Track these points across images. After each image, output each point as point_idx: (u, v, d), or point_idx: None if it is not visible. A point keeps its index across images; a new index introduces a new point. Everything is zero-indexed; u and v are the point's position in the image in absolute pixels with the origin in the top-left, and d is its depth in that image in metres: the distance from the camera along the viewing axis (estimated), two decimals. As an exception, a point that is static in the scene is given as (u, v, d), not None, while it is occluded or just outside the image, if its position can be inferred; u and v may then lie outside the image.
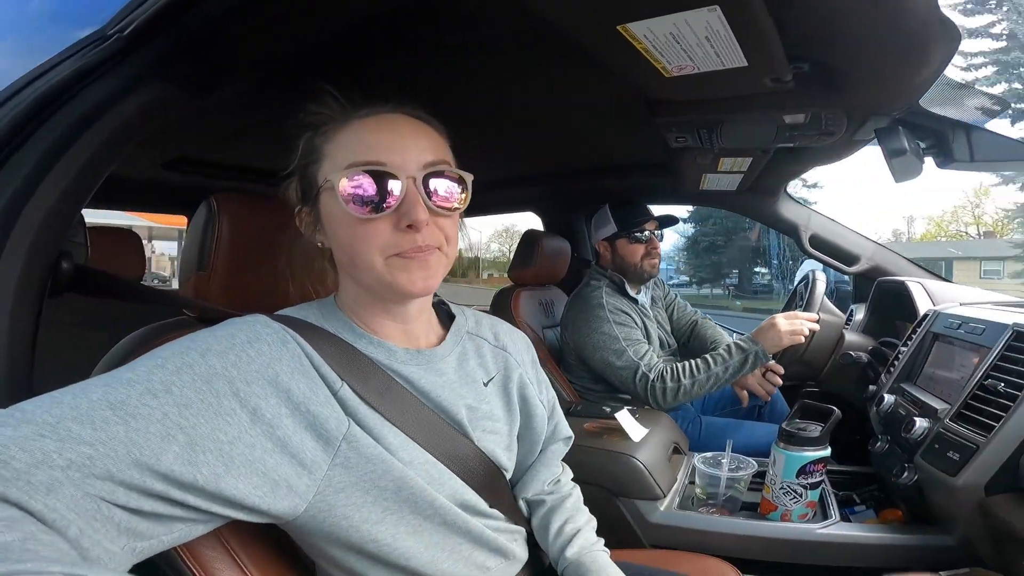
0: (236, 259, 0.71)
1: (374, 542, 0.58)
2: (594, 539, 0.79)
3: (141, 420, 0.45)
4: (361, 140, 0.59)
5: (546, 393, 0.83)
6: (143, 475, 0.44)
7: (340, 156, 0.59)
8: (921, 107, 1.10)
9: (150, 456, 0.44)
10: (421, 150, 0.60)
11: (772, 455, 1.19)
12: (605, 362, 1.59)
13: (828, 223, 1.89)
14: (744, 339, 1.52)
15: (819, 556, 1.12)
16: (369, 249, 0.58)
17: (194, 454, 0.47)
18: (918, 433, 1.05)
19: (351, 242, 0.59)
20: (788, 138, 1.31)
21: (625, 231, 1.72)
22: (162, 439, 0.45)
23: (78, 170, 0.63)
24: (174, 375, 0.49)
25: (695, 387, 1.49)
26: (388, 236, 0.58)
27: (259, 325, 0.57)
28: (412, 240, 0.58)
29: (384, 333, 0.65)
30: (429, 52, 1.02)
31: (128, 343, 0.68)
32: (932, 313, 1.31)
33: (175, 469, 0.45)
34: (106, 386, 0.46)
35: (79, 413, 0.43)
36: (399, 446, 0.59)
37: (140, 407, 0.45)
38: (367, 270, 0.59)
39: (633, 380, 1.53)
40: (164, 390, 0.47)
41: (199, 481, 0.46)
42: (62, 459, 0.40)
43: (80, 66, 0.62)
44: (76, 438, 0.42)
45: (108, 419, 0.44)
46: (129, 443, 0.43)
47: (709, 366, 1.49)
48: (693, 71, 0.97)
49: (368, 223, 0.58)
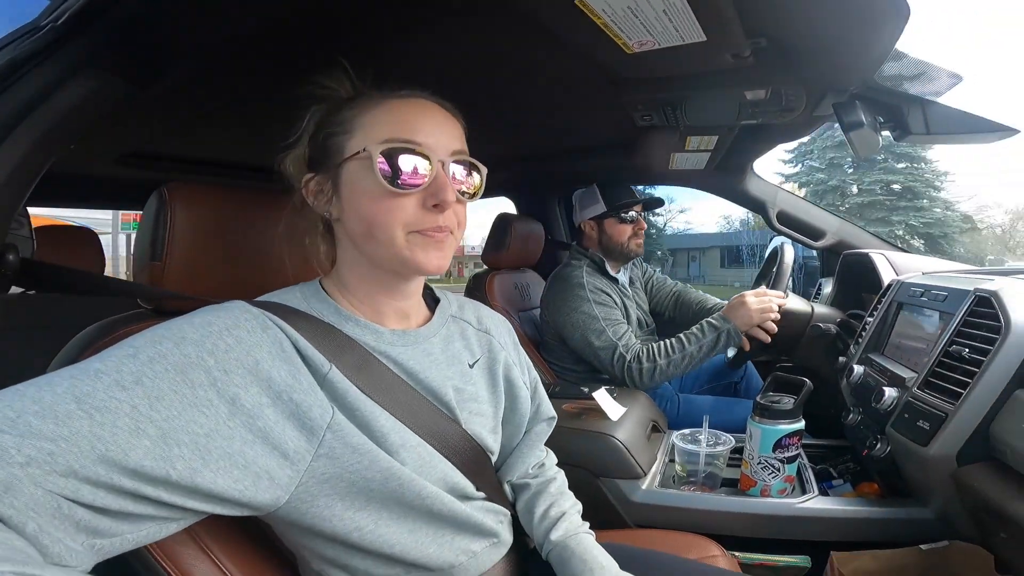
0: (191, 247, 0.70)
1: (357, 530, 0.58)
2: (579, 522, 0.78)
3: (108, 414, 0.43)
4: (398, 119, 0.61)
5: (528, 374, 0.84)
6: (110, 472, 0.42)
7: (376, 131, 0.60)
8: (877, 83, 1.12)
9: (117, 452, 0.42)
10: (451, 137, 0.63)
11: (748, 430, 1.20)
12: (585, 342, 1.59)
13: (795, 200, 1.93)
14: (715, 318, 1.54)
15: (800, 531, 1.14)
16: (393, 223, 0.59)
17: (167, 448, 0.45)
18: (887, 403, 1.06)
19: (375, 214, 0.60)
20: (751, 114, 1.33)
21: (614, 211, 1.74)
22: (131, 433, 0.44)
23: (14, 165, 0.61)
24: (146, 365, 0.47)
25: (671, 367, 1.51)
26: (413, 213, 0.60)
27: (238, 311, 0.56)
28: (435, 220, 0.60)
29: (374, 312, 0.66)
30: (387, 34, 0.99)
31: (82, 339, 0.66)
32: (895, 283, 1.33)
33: (145, 464, 0.44)
34: (72, 378, 0.44)
35: (41, 407, 0.41)
36: (390, 428, 0.59)
37: (107, 400, 0.44)
38: (386, 243, 0.60)
39: (611, 361, 1.55)
40: (134, 382, 0.46)
41: (172, 476, 0.45)
42: (21, 456, 0.39)
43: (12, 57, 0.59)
44: (36, 433, 0.40)
45: (72, 413, 0.42)
46: (94, 438, 0.42)
47: (684, 346, 1.51)
48: (654, 47, 0.97)
49: (398, 197, 0.59)
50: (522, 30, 0.98)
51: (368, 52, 1.04)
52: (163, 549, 0.58)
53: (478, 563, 0.69)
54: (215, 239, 0.72)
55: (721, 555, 0.97)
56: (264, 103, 1.21)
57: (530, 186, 2.37)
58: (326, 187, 0.64)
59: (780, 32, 0.96)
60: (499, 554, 0.72)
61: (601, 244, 1.78)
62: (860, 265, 1.64)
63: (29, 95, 0.60)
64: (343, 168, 0.62)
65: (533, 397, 0.83)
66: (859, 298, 1.68)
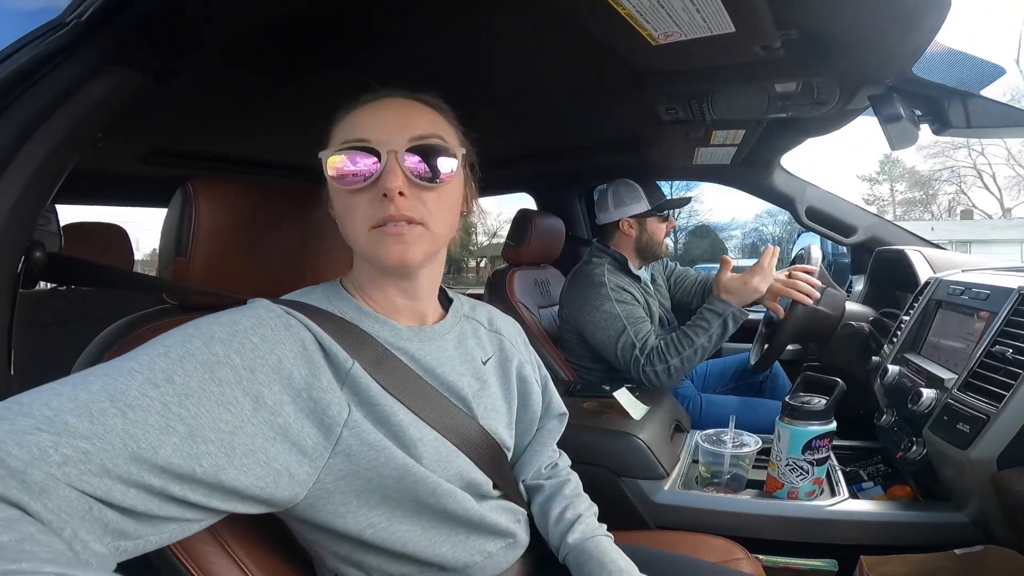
0: (216, 243, 0.70)
1: (371, 527, 0.58)
2: (596, 525, 0.77)
3: (140, 411, 0.44)
4: (354, 122, 0.63)
5: (539, 372, 0.85)
6: (140, 470, 0.43)
7: (338, 137, 0.63)
8: (915, 75, 1.08)
9: (148, 449, 0.43)
10: (409, 127, 0.61)
11: (776, 431, 1.16)
12: (606, 341, 1.57)
13: (824, 195, 1.87)
14: (711, 301, 1.50)
15: (829, 534, 1.11)
16: (354, 220, 0.61)
17: (194, 445, 0.46)
18: (925, 405, 1.02)
19: (341, 214, 0.63)
20: (780, 108, 1.30)
21: (657, 210, 1.69)
22: (161, 431, 0.44)
23: (41, 161, 0.62)
24: (176, 364, 0.48)
25: (684, 363, 1.47)
26: (367, 207, 0.60)
27: (262, 310, 0.57)
28: (386, 209, 0.59)
29: (391, 310, 0.67)
30: (408, 29, 0.99)
31: (109, 334, 0.67)
32: (934, 280, 1.28)
33: (173, 461, 0.44)
34: (106, 376, 0.45)
35: (77, 405, 0.42)
36: (409, 423, 0.59)
37: (140, 398, 0.44)
38: (355, 242, 0.63)
39: (629, 362, 1.52)
40: (165, 379, 0.47)
41: (198, 473, 0.45)
42: (58, 455, 0.39)
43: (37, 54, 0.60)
44: (73, 432, 0.40)
45: (106, 411, 0.43)
46: (126, 436, 0.42)
47: (692, 340, 1.47)
48: (680, 38, 0.94)
49: (352, 195, 0.61)
50: (543, 23, 0.97)
51: (387, 48, 1.04)
52: (184, 546, 0.59)
53: (494, 563, 0.69)
54: (239, 234, 0.72)
55: (745, 558, 0.95)
56: (281, 100, 1.22)
57: (550, 182, 2.35)
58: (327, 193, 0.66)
59: (813, 24, 0.93)
60: (515, 555, 0.72)
61: (639, 243, 1.72)
62: (894, 262, 1.59)
63: (55, 91, 0.61)
64: (326, 175, 0.63)
65: (543, 394, 0.83)
66: (892, 296, 1.63)
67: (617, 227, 1.73)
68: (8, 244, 0.60)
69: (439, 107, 0.67)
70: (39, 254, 0.65)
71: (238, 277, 0.73)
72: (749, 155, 1.70)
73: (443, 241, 0.66)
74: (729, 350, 2.19)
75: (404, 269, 0.64)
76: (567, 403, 0.88)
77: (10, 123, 0.59)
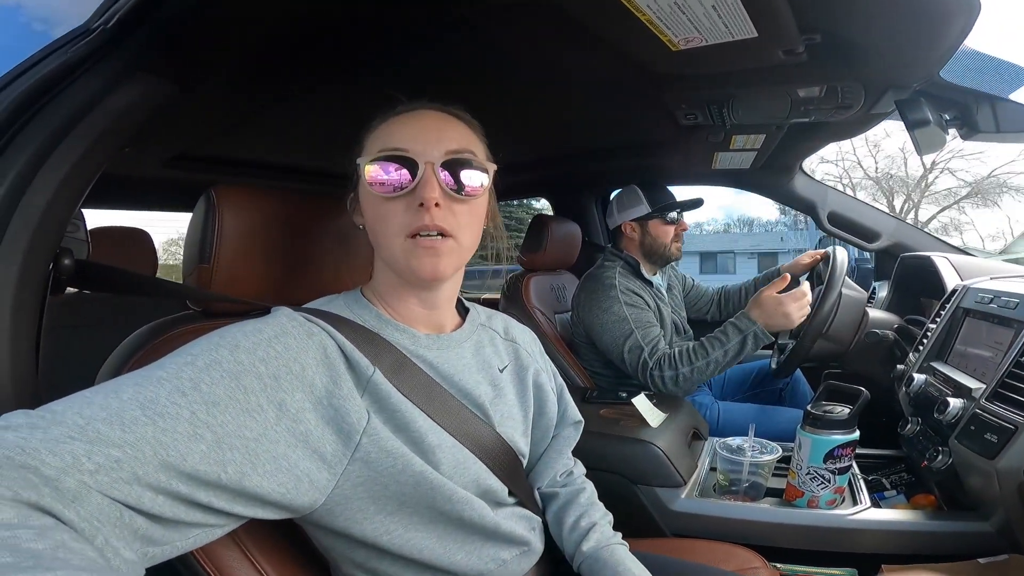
0: (239, 250, 0.71)
1: (387, 534, 0.59)
2: (611, 533, 0.77)
3: (169, 419, 0.45)
4: (391, 132, 0.64)
5: (555, 380, 0.85)
6: (169, 477, 0.44)
7: (374, 145, 0.64)
8: (943, 79, 1.05)
9: (176, 457, 0.44)
10: (445, 140, 0.63)
11: (797, 439, 1.15)
12: (613, 344, 1.55)
13: (847, 200, 1.85)
14: (739, 318, 1.45)
15: (850, 543, 1.08)
16: (388, 228, 0.62)
17: (220, 452, 0.47)
18: (952, 414, 1.00)
19: (375, 222, 0.64)
20: (803, 112, 1.28)
21: (658, 212, 1.68)
22: (189, 439, 0.45)
23: (70, 168, 0.62)
24: (203, 372, 0.49)
25: (695, 374, 1.43)
26: (403, 216, 0.62)
27: (284, 318, 0.58)
28: (421, 218, 0.61)
29: (410, 318, 0.68)
30: (424, 36, 0.99)
31: (134, 340, 0.68)
32: (961, 288, 1.25)
33: (201, 468, 0.45)
34: (136, 385, 0.46)
35: (109, 413, 0.43)
36: (427, 429, 0.60)
37: (169, 406, 0.45)
38: (387, 250, 0.64)
39: (637, 365, 1.50)
40: (193, 387, 0.47)
41: (223, 479, 0.46)
42: (91, 463, 0.40)
43: (66, 61, 0.61)
44: (105, 440, 0.41)
45: (137, 419, 0.44)
46: (156, 444, 0.43)
47: (707, 352, 1.43)
48: (701, 43, 0.94)
49: (388, 202, 0.62)
50: (560, 29, 0.96)
51: (406, 55, 1.05)
52: (205, 551, 0.59)
53: (508, 571, 0.69)
54: (262, 242, 0.73)
55: (763, 567, 0.93)
56: (304, 106, 1.23)
57: (567, 187, 2.34)
58: (356, 203, 0.68)
59: (836, 28, 0.92)
60: (529, 563, 0.72)
61: (643, 246, 1.71)
62: (920, 268, 1.55)
63: (83, 98, 0.62)
64: (359, 183, 0.66)
65: (559, 402, 0.84)
66: (917, 303, 1.60)
67: (621, 231, 1.74)
68: (37, 251, 0.61)
69: (470, 122, 0.69)
70: (68, 261, 0.66)
71: (260, 284, 0.73)
72: (769, 159, 1.68)
73: (469, 254, 0.68)
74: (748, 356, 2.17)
75: (434, 282, 0.66)
76: (583, 410, 0.88)
77: (39, 131, 0.59)
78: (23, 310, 0.61)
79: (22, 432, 0.40)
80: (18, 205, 0.59)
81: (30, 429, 0.40)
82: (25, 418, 0.41)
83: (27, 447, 0.38)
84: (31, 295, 0.62)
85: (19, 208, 0.59)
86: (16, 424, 0.40)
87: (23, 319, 0.61)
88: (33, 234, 0.60)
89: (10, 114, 0.58)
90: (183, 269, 0.74)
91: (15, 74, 0.61)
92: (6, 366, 0.59)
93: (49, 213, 0.61)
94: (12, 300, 0.59)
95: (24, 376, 0.61)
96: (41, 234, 0.61)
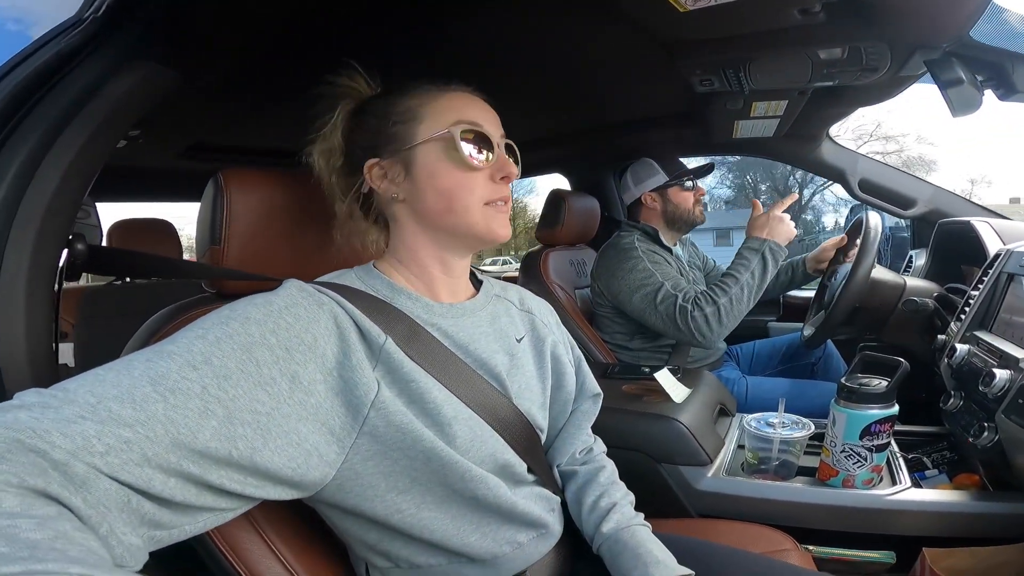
0: (248, 230, 0.72)
1: (398, 512, 0.58)
2: (632, 514, 0.75)
3: (180, 395, 0.45)
4: (461, 108, 0.67)
5: (572, 352, 0.83)
6: (179, 457, 0.43)
7: (445, 116, 0.66)
8: (973, 39, 0.99)
9: (187, 434, 0.44)
10: (498, 125, 0.70)
11: (832, 414, 1.09)
12: (643, 301, 1.54)
13: (878, 166, 1.77)
14: (748, 241, 1.51)
15: (887, 525, 1.03)
16: (471, 195, 0.65)
17: (231, 428, 0.46)
18: (998, 387, 0.93)
19: (455, 188, 0.65)
20: (826, 75, 1.22)
21: (676, 179, 1.71)
22: (200, 415, 0.45)
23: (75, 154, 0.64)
24: (214, 346, 0.49)
25: (733, 303, 1.44)
26: (484, 185, 0.66)
27: (294, 290, 0.58)
28: (503, 191, 0.68)
29: (426, 287, 0.69)
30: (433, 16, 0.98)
31: (152, 324, 0.69)
32: (1004, 252, 1.18)
33: (212, 446, 0.45)
34: (148, 361, 0.46)
35: (120, 391, 0.43)
36: (443, 400, 0.59)
37: (180, 381, 0.45)
38: (464, 215, 0.66)
39: (674, 313, 1.48)
40: (204, 361, 0.47)
41: (234, 456, 0.46)
42: (101, 444, 0.40)
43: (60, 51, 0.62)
44: (117, 419, 0.41)
45: (148, 396, 0.43)
46: (167, 421, 0.43)
47: (735, 277, 1.46)
48: (710, 3, 0.90)
49: (475, 172, 0.66)
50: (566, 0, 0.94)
51: (413, 36, 1.04)
52: (222, 533, 0.60)
53: (524, 554, 0.67)
54: (270, 222, 0.73)
55: (794, 548, 0.90)
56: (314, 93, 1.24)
57: (584, 161, 2.31)
58: (393, 170, 0.67)
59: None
60: (547, 546, 0.70)
61: (666, 214, 1.73)
62: (960, 234, 1.48)
63: (80, 87, 0.63)
64: (416, 151, 0.65)
65: (577, 374, 0.82)
66: (957, 271, 1.52)
67: (640, 203, 1.76)
68: (48, 237, 0.62)
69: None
70: (80, 246, 0.68)
71: (272, 263, 0.74)
72: (794, 127, 1.62)
73: None
74: (778, 330, 2.11)
75: (500, 242, 0.70)
76: (605, 386, 0.86)
77: (40, 120, 0.61)
78: (37, 294, 0.62)
79: (34, 412, 0.40)
80: (25, 193, 0.60)
81: (42, 409, 0.40)
82: (37, 397, 0.41)
83: (38, 428, 0.38)
84: (44, 281, 0.64)
85: (27, 196, 0.60)
86: (29, 403, 0.41)
87: (37, 302, 0.63)
88: (43, 221, 0.62)
89: (8, 104, 0.60)
90: (196, 252, 0.76)
91: (10, 66, 0.63)
92: (22, 349, 0.61)
93: (57, 200, 0.63)
94: (26, 284, 0.62)
95: (40, 358, 0.62)
96: (51, 220, 0.63)
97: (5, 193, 0.60)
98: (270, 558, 0.63)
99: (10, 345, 0.62)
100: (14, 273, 0.61)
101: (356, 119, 0.69)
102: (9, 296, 0.62)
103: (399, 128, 0.66)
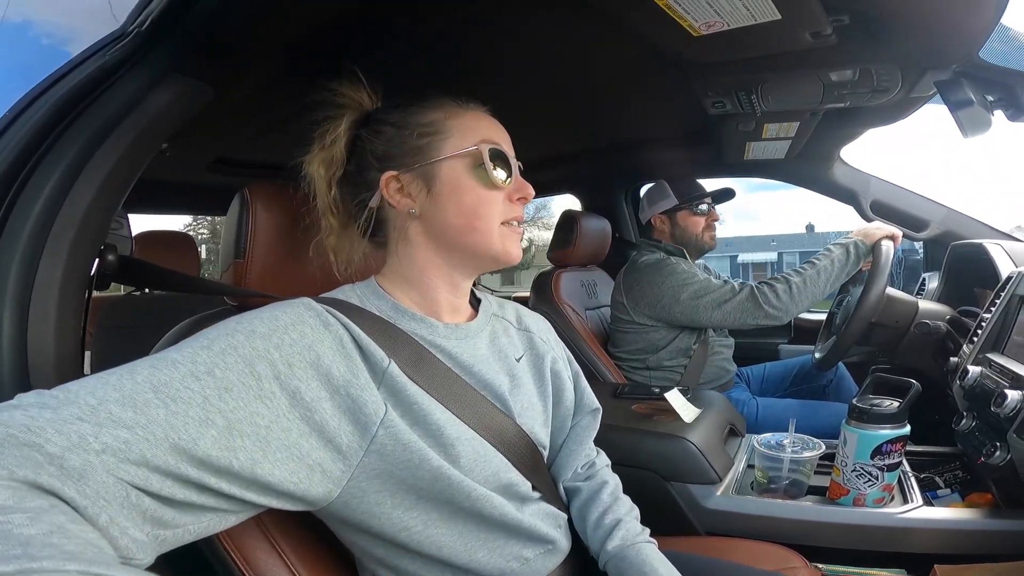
0: (272, 245, 0.73)
1: (406, 530, 0.58)
2: (638, 529, 0.74)
3: (182, 403, 0.45)
4: (483, 126, 0.68)
5: (570, 367, 0.83)
6: (178, 461, 0.43)
7: (471, 134, 0.66)
8: (982, 60, 1.01)
9: (187, 441, 0.44)
10: (511, 146, 0.70)
11: (843, 434, 1.09)
12: (695, 297, 1.53)
13: (890, 188, 1.76)
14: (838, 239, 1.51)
15: (899, 543, 1.02)
16: (492, 215, 0.65)
17: (231, 438, 0.46)
18: (1010, 407, 0.93)
19: (477, 207, 0.65)
20: (838, 97, 1.24)
21: (687, 203, 1.71)
22: (200, 423, 0.45)
23: (111, 168, 0.66)
24: (218, 357, 0.49)
25: (807, 283, 1.44)
26: (503, 205, 0.67)
27: (302, 307, 0.57)
28: (519, 210, 0.68)
29: (430, 307, 0.68)
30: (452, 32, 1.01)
31: (172, 335, 0.70)
32: (1016, 275, 1.17)
33: (211, 454, 0.45)
34: (152, 367, 0.46)
35: (122, 395, 0.43)
36: (446, 422, 0.59)
37: (182, 390, 0.45)
38: (484, 234, 0.65)
39: (734, 296, 1.48)
40: (207, 372, 0.47)
41: (234, 466, 0.46)
42: (98, 443, 0.40)
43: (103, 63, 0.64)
44: (116, 421, 0.41)
45: (149, 401, 0.44)
46: (167, 427, 0.43)
47: (814, 263, 1.46)
48: (723, 27, 0.92)
49: (497, 191, 0.66)
50: (582, 19, 0.96)
51: (429, 57, 1.06)
52: (232, 539, 0.60)
53: (532, 570, 0.67)
54: (295, 237, 0.74)
55: (803, 567, 0.89)
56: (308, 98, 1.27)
57: (595, 182, 2.32)
58: (413, 185, 0.65)
59: (864, 7, 0.89)
60: (554, 562, 0.70)
61: (674, 238, 1.73)
62: (972, 257, 1.47)
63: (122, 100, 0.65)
64: (440, 165, 0.65)
65: (575, 389, 0.82)
66: (970, 293, 1.51)
67: (651, 225, 1.78)
68: (82, 246, 0.64)
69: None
70: (112, 257, 0.70)
71: (294, 277, 0.75)
72: (805, 148, 1.63)
73: None
74: (788, 352, 2.09)
75: (512, 264, 0.69)
76: (615, 405, 0.86)
77: (82, 132, 0.63)
78: (68, 300, 0.64)
79: (31, 411, 0.40)
80: (63, 203, 0.62)
81: (40, 408, 0.40)
82: (37, 397, 0.42)
83: (33, 426, 0.38)
84: (75, 289, 0.65)
85: (64, 206, 0.62)
86: (27, 403, 0.41)
87: (68, 311, 0.64)
88: (77, 231, 0.64)
89: (51, 116, 0.62)
90: (220, 265, 0.77)
91: (53, 79, 0.65)
92: (51, 351, 0.62)
93: (92, 211, 0.65)
94: (58, 293, 0.63)
95: (67, 362, 0.64)
96: (85, 231, 0.65)
97: (44, 202, 0.62)
98: (279, 565, 0.63)
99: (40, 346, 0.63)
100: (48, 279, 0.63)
101: (367, 128, 0.67)
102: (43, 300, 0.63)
103: (423, 140, 0.65)
